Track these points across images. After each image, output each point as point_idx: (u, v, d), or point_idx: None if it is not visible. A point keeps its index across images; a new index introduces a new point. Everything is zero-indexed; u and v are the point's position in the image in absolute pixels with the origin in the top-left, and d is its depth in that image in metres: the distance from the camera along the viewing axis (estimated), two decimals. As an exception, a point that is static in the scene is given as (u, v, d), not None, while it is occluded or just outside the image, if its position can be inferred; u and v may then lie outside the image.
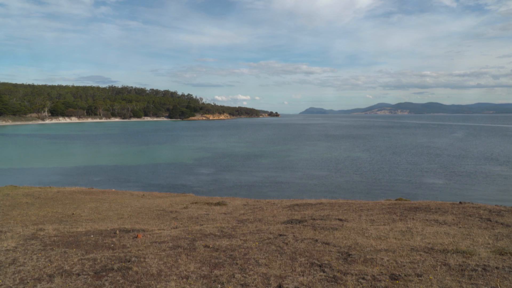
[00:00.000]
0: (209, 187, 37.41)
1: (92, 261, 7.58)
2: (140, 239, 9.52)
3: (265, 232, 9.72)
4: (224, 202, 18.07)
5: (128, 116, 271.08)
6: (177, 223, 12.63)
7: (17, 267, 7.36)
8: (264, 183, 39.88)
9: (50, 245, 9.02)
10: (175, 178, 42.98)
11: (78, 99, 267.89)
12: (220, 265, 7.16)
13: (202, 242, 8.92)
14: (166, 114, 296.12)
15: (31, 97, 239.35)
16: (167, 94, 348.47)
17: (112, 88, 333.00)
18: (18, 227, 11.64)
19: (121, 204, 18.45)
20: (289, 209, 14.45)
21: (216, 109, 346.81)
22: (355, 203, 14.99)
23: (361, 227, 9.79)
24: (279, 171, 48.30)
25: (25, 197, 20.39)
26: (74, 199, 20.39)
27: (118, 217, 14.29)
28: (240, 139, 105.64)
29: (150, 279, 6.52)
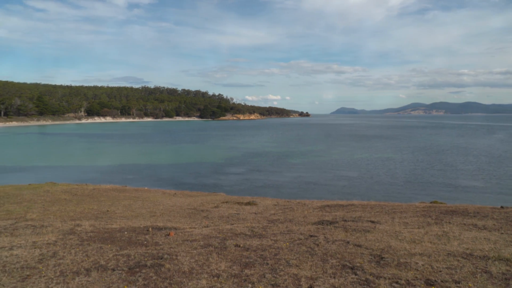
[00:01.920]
0: (239, 187, 37.57)
1: (126, 257, 7.75)
2: (172, 237, 9.66)
3: (296, 233, 9.65)
4: (255, 202, 18.09)
5: (160, 116, 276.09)
6: (208, 222, 12.75)
7: (57, 260, 7.63)
8: (294, 184, 39.69)
9: (87, 240, 9.30)
10: (206, 177, 43.43)
11: (113, 99, 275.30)
12: (250, 265, 7.15)
13: (232, 241, 8.95)
14: (197, 114, 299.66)
15: (69, 98, 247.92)
16: (198, 94, 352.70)
17: (145, 88, 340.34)
18: (58, 222, 12.06)
19: (154, 202, 18.81)
20: (320, 210, 14.31)
21: (247, 109, 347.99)
22: (387, 205, 14.68)
23: (394, 229, 9.57)
24: (309, 171, 47.97)
25: (63, 193, 21.12)
26: (108, 196, 20.95)
27: (151, 215, 14.57)
28: (271, 139, 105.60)
29: (182, 277, 6.59)
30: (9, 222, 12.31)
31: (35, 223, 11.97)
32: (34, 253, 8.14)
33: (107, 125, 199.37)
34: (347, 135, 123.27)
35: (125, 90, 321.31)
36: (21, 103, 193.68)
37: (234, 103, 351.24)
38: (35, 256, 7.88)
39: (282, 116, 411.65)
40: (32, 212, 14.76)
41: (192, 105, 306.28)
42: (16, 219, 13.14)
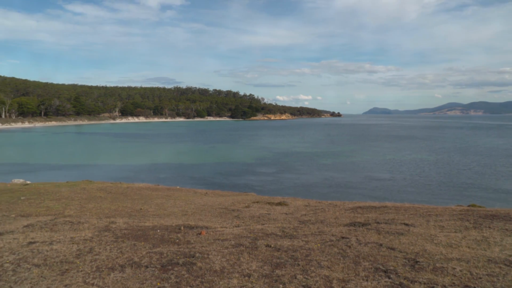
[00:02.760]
0: (270, 187, 37.57)
1: (159, 254, 7.89)
2: (204, 236, 9.76)
3: (327, 234, 9.55)
4: (286, 202, 18.04)
5: (192, 116, 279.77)
6: (239, 221, 12.80)
7: (94, 256, 7.86)
8: (325, 184, 39.33)
9: (121, 237, 9.53)
10: (237, 177, 43.67)
11: (146, 100, 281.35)
12: (281, 265, 7.13)
13: (263, 241, 8.95)
14: (229, 114, 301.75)
15: (104, 98, 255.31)
16: (230, 94, 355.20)
17: (177, 88, 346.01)
18: (93, 219, 12.43)
19: (185, 201, 19.06)
20: (352, 212, 14.10)
21: (278, 109, 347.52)
22: (422, 207, 14.29)
23: (429, 233, 9.30)
24: (341, 172, 47.41)
25: (99, 191, 21.73)
26: (142, 195, 21.39)
27: (183, 214, 14.77)
28: (302, 139, 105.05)
29: (213, 275, 6.65)
30: (49, 218, 12.78)
31: (73, 219, 12.37)
32: (72, 248, 8.41)
33: (140, 124, 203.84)
34: (379, 136, 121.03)
35: (158, 90, 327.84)
36: (59, 104, 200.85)
37: (265, 103, 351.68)
38: (73, 251, 8.15)
39: (313, 116, 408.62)
40: (70, 209, 15.27)
41: (223, 105, 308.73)
42: (55, 215, 13.62)
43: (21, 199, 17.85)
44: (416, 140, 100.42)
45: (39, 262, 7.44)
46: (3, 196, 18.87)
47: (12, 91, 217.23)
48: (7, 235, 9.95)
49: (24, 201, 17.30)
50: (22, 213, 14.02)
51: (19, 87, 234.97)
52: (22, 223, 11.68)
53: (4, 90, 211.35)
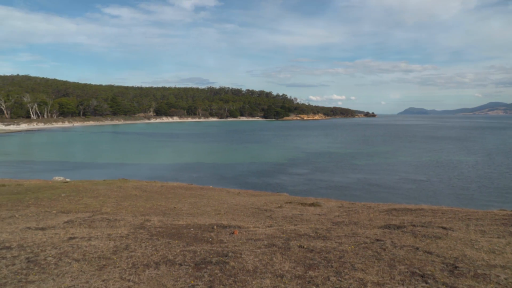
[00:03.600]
0: (302, 187, 37.36)
1: (192, 253, 7.98)
2: (236, 235, 9.81)
3: (361, 236, 9.39)
4: (319, 203, 17.88)
5: (224, 116, 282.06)
6: (272, 221, 12.79)
7: (129, 252, 8.06)
8: (359, 185, 38.71)
9: (155, 235, 9.72)
10: (269, 177, 43.67)
11: (180, 100, 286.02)
12: (314, 267, 7.07)
13: (296, 242, 8.90)
14: (261, 114, 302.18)
15: (139, 98, 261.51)
16: (262, 94, 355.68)
17: (210, 89, 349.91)
18: (129, 217, 12.74)
19: (218, 200, 19.23)
20: (386, 214, 13.81)
21: (311, 109, 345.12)
22: (461, 211, 13.80)
23: (469, 238, 8.96)
24: (375, 173, 46.53)
25: (134, 189, 22.27)
26: (175, 193, 21.75)
27: (216, 213, 14.91)
28: (335, 140, 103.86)
29: (246, 275, 6.66)
30: (87, 214, 13.20)
31: (109, 216, 12.72)
32: (109, 244, 8.65)
33: (174, 124, 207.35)
34: (415, 136, 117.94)
35: (191, 90, 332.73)
36: (97, 104, 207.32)
37: (298, 103, 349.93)
38: (109, 248, 8.38)
39: (347, 117, 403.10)
40: (107, 206, 15.72)
41: (256, 105, 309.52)
42: (93, 212, 14.06)
43: (62, 196, 18.53)
44: (454, 141, 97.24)
45: (78, 257, 7.70)
46: (45, 193, 19.66)
47: (53, 92, 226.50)
48: (49, 230, 10.36)
49: (64, 198, 17.96)
50: (63, 210, 14.55)
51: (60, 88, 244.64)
52: (62, 219, 12.13)
53: (46, 91, 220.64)
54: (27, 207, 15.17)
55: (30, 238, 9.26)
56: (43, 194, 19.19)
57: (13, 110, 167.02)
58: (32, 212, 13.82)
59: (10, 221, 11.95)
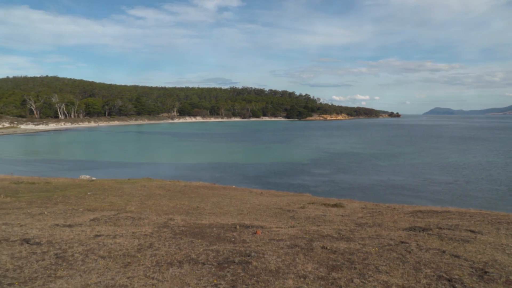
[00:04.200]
0: (325, 188, 37.10)
1: (215, 252, 8.03)
2: (259, 236, 9.81)
3: (385, 238, 9.24)
4: (342, 204, 17.71)
5: (247, 116, 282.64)
6: (294, 222, 12.75)
7: (153, 251, 8.17)
8: (382, 187, 38.16)
9: (179, 234, 9.82)
10: (292, 177, 43.54)
11: (203, 100, 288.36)
12: (338, 268, 7.00)
13: (319, 243, 8.84)
14: (284, 114, 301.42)
15: (163, 99, 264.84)
16: (285, 94, 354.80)
17: (233, 89, 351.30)
18: (153, 215, 12.92)
19: (241, 200, 19.29)
20: (411, 216, 13.55)
21: (334, 109, 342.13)
22: (490, 214, 13.41)
23: (499, 242, 8.69)
24: (399, 174, 45.78)
25: (158, 189, 22.57)
26: (198, 193, 21.93)
27: (238, 213, 14.95)
28: (358, 140, 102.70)
29: (268, 275, 6.66)
30: (112, 212, 13.46)
31: (134, 215, 12.93)
32: (133, 242, 8.79)
33: (197, 124, 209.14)
34: (441, 137, 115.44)
35: (214, 91, 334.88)
36: (122, 104, 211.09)
37: (321, 103, 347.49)
38: (134, 246, 8.51)
39: (371, 117, 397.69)
40: (131, 205, 15.98)
41: (278, 105, 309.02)
42: (118, 210, 14.32)
43: (88, 194, 18.94)
44: (482, 141, 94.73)
45: (104, 254, 7.86)
46: (72, 191, 20.15)
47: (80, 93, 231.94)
48: (76, 227, 10.61)
49: (90, 196, 18.35)
50: (89, 208, 14.88)
51: (86, 89, 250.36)
52: (89, 217, 12.40)
53: (73, 91, 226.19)
54: (55, 204, 15.58)
55: (58, 234, 9.50)
56: (70, 192, 19.66)
57: (42, 110, 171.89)
58: (60, 209, 14.19)
59: (39, 217, 12.30)
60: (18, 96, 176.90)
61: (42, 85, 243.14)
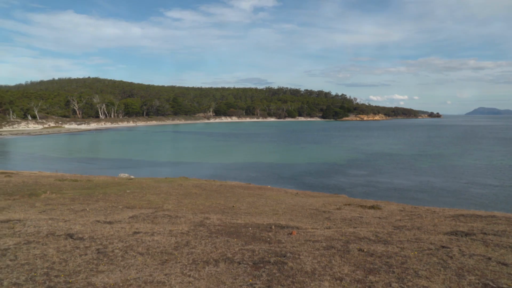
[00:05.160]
0: (361, 189, 36.45)
1: (251, 252, 8.05)
2: (294, 236, 9.75)
3: (425, 242, 8.96)
4: (379, 206, 17.34)
5: (283, 116, 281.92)
6: (330, 223, 12.59)
7: (190, 249, 8.29)
8: (422, 189, 37.06)
9: (215, 233, 9.92)
10: (327, 178, 43.06)
11: (238, 100, 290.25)
12: (375, 271, 6.85)
13: (356, 245, 8.68)
14: (320, 114, 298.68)
15: (199, 99, 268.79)
16: (321, 94, 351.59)
17: (269, 89, 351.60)
18: (189, 214, 13.11)
19: (276, 200, 19.25)
20: (453, 219, 13.06)
21: (371, 109, 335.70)
22: (539, 219, 12.73)
23: (549, 248, 8.24)
24: (439, 176, 44.31)
25: (194, 188, 22.89)
26: (234, 192, 22.06)
27: (273, 213, 14.93)
28: (396, 141, 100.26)
29: (304, 276, 6.60)
30: (150, 210, 13.76)
31: (171, 213, 13.17)
32: (170, 240, 8.95)
33: (232, 124, 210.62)
34: (485, 138, 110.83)
35: (250, 91, 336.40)
36: (159, 104, 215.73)
37: (357, 103, 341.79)
38: (171, 243, 8.67)
39: (409, 117, 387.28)
40: (168, 203, 16.28)
41: (314, 105, 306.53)
42: (156, 208, 14.63)
43: (127, 192, 19.47)
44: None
45: (142, 251, 8.04)
46: (112, 188, 20.78)
47: (120, 93, 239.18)
48: (116, 224, 10.92)
49: (129, 194, 18.86)
50: (128, 205, 15.28)
51: (126, 89, 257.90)
52: (128, 214, 12.74)
53: (113, 92, 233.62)
54: (96, 201, 16.12)
55: (99, 230, 9.82)
56: (110, 190, 20.29)
57: (84, 110, 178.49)
58: (100, 206, 14.66)
59: (82, 214, 12.76)
60: (62, 97, 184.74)
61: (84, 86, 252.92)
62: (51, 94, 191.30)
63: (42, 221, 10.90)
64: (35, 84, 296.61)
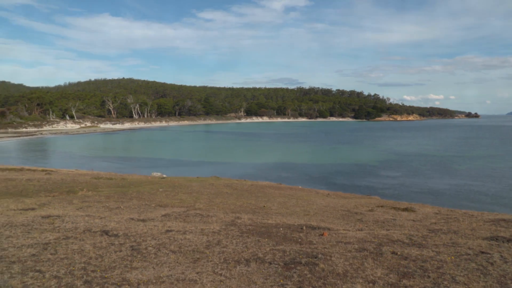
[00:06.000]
0: (394, 191, 35.69)
1: (281, 252, 8.01)
2: (326, 237, 9.65)
3: (463, 247, 8.65)
4: (413, 208, 16.91)
5: (314, 116, 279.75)
6: (362, 225, 12.38)
7: (221, 248, 8.34)
8: (458, 192, 35.90)
9: (246, 233, 9.94)
10: (359, 179, 42.42)
11: (269, 100, 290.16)
12: (409, 275, 6.67)
13: (389, 248, 8.50)
14: (352, 114, 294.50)
15: (230, 99, 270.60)
16: (353, 94, 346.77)
17: (300, 89, 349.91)
18: (221, 213, 13.21)
19: (307, 201, 19.13)
20: (493, 224, 12.57)
21: (405, 109, 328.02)
22: None
23: None
24: (477, 179, 42.78)
25: (225, 187, 23.06)
26: (265, 192, 22.08)
27: (304, 214, 14.83)
28: (432, 142, 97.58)
29: (336, 278, 6.52)
30: (182, 209, 13.96)
31: (202, 212, 13.30)
32: (202, 239, 9.04)
33: (263, 124, 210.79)
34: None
35: (281, 91, 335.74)
36: (191, 104, 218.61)
37: (390, 103, 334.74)
38: (203, 242, 8.75)
39: (445, 117, 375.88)
40: (200, 202, 16.46)
41: (346, 105, 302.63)
42: (187, 207, 14.82)
43: (159, 191, 19.83)
44: None
45: (175, 249, 8.16)
46: (145, 187, 21.22)
47: (153, 93, 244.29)
48: (149, 222, 11.14)
49: (162, 193, 19.19)
50: (160, 204, 15.56)
51: (159, 90, 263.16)
52: (160, 213, 12.97)
53: (147, 92, 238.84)
54: (130, 199, 16.50)
55: (133, 228, 10.04)
56: (143, 188, 20.72)
57: (119, 110, 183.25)
58: (134, 204, 15.00)
59: (116, 211, 13.10)
60: (98, 98, 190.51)
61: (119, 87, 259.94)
62: (88, 95, 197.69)
63: (79, 217, 11.26)
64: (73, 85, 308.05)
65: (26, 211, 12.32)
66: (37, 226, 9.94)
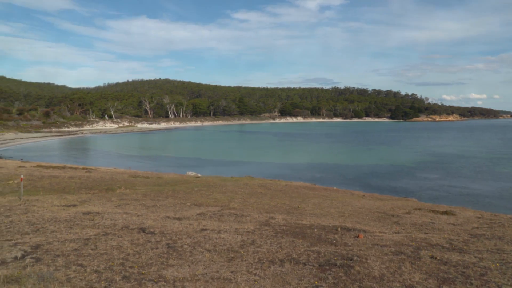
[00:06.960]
0: (433, 193, 34.62)
1: (316, 253, 7.94)
2: (361, 239, 9.48)
3: (509, 254, 8.27)
4: (453, 212, 16.33)
5: (349, 116, 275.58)
6: (399, 228, 12.07)
7: (256, 248, 8.36)
8: (503, 196, 34.40)
9: (280, 233, 9.91)
10: (395, 181, 41.46)
11: (304, 100, 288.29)
12: (450, 281, 6.44)
13: (427, 252, 8.25)
14: (388, 114, 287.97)
15: (265, 99, 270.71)
16: (390, 94, 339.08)
17: (335, 89, 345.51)
18: (255, 213, 13.24)
19: (342, 202, 18.86)
20: (539, 229, 11.96)
21: (444, 109, 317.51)
22: None
23: None
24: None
25: (259, 187, 23.10)
26: (299, 193, 21.95)
27: (339, 215, 14.63)
28: (473, 143, 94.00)
29: (372, 281, 6.38)
30: (216, 208, 14.09)
31: (237, 212, 13.38)
32: (236, 238, 9.09)
33: (298, 124, 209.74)
34: None
35: (316, 91, 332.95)
36: (226, 104, 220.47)
37: (429, 103, 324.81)
38: (237, 242, 8.79)
39: (489, 118, 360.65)
40: (234, 202, 16.56)
41: (382, 105, 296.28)
42: (222, 206, 14.94)
43: (194, 190, 20.11)
44: None
45: (209, 248, 8.24)
46: (181, 186, 21.58)
47: (188, 94, 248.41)
48: (185, 220, 11.31)
49: (197, 192, 19.46)
50: (195, 203, 15.77)
51: (194, 90, 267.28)
52: (195, 211, 13.15)
53: (182, 93, 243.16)
54: (166, 198, 16.83)
55: (169, 226, 10.23)
56: (179, 187, 21.08)
57: (155, 110, 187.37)
58: (170, 203, 15.28)
59: (153, 209, 13.39)
60: (135, 98, 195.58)
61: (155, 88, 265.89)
62: (126, 95, 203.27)
63: (117, 214, 11.58)
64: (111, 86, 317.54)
65: (68, 207, 12.81)
66: (78, 222, 10.32)
